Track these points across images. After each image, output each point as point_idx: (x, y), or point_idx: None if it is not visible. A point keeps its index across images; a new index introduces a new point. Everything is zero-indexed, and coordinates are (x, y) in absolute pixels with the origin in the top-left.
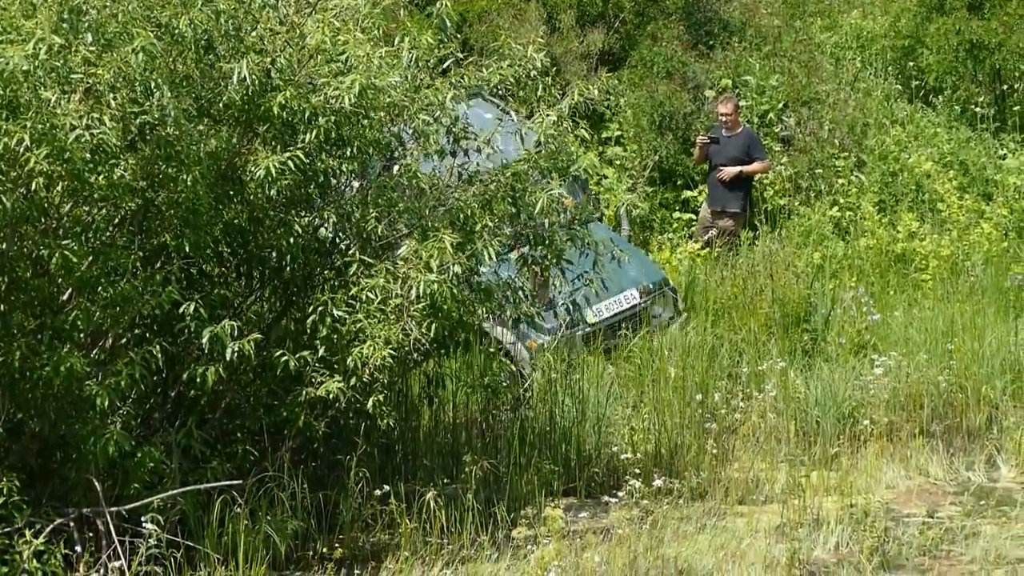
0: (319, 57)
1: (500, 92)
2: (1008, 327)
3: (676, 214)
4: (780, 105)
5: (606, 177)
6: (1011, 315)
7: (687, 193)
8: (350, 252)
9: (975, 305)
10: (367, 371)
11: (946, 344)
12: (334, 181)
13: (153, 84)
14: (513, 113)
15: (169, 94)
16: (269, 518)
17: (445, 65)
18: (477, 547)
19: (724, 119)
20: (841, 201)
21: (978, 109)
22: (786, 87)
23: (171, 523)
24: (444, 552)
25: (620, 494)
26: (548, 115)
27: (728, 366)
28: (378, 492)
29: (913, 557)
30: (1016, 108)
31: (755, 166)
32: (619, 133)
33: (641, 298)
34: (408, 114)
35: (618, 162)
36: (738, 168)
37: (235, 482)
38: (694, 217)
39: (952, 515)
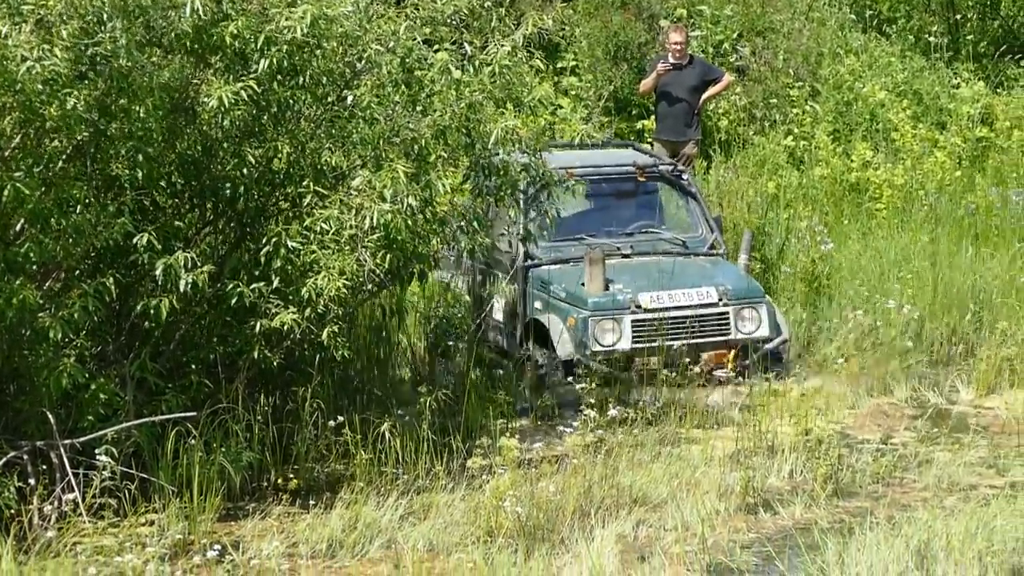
0: None
1: (455, 23)
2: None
3: None
4: (735, 35)
5: (561, 107)
6: (965, 243)
7: (642, 123)
8: (304, 183)
9: (930, 234)
10: (322, 302)
11: (899, 273)
12: (288, 112)
13: (105, 15)
14: (467, 45)
15: (121, 25)
16: (223, 450)
17: None
18: (432, 477)
19: (676, 47)
20: (795, 131)
21: (931, 38)
22: (741, 17)
23: (125, 455)
24: (399, 483)
25: (575, 423)
26: (503, 45)
27: None
28: (332, 423)
29: (867, 484)
30: (969, 37)
31: (723, 81)
32: (574, 63)
33: (720, 300)
34: (361, 44)
35: (573, 92)
36: (712, 90)
37: (189, 414)
38: (649, 147)
39: (907, 441)
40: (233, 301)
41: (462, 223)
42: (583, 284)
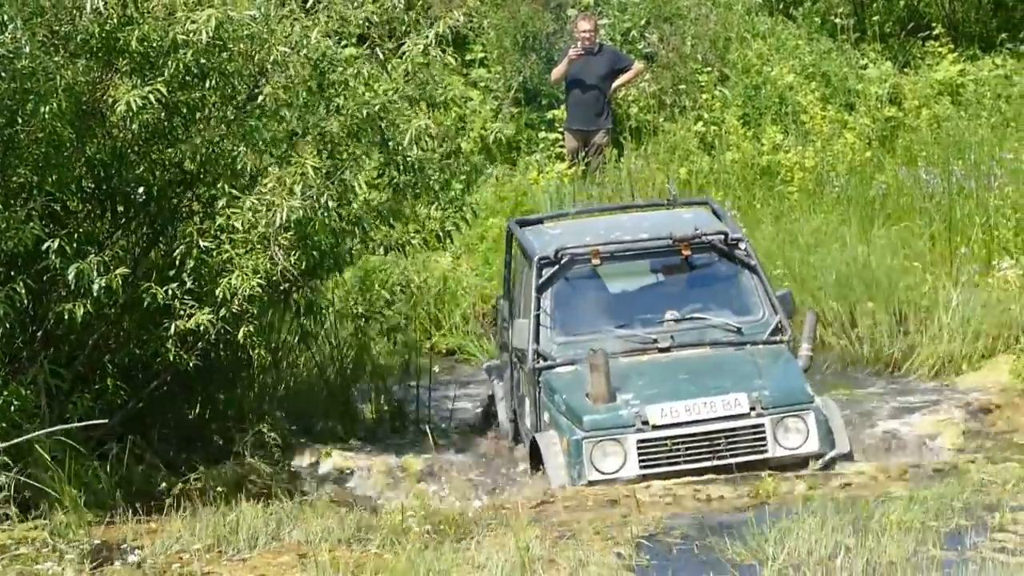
0: None
1: (367, 24)
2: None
3: (542, 134)
4: (642, 22)
5: (471, 100)
6: (876, 224)
7: (553, 113)
8: (218, 185)
9: (841, 215)
10: (236, 302)
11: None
12: (198, 113)
13: (5, 16)
14: (379, 50)
15: (22, 26)
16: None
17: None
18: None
19: (585, 35)
20: (705, 116)
21: (838, 20)
22: (647, 3)
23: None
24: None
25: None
26: (416, 44)
27: None
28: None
29: None
30: (875, 18)
31: (633, 69)
32: (483, 55)
33: (752, 412)
34: (267, 47)
35: (483, 84)
36: (622, 79)
37: (99, 422)
38: (560, 137)
39: None
40: (147, 303)
41: (376, 221)
42: (587, 394)
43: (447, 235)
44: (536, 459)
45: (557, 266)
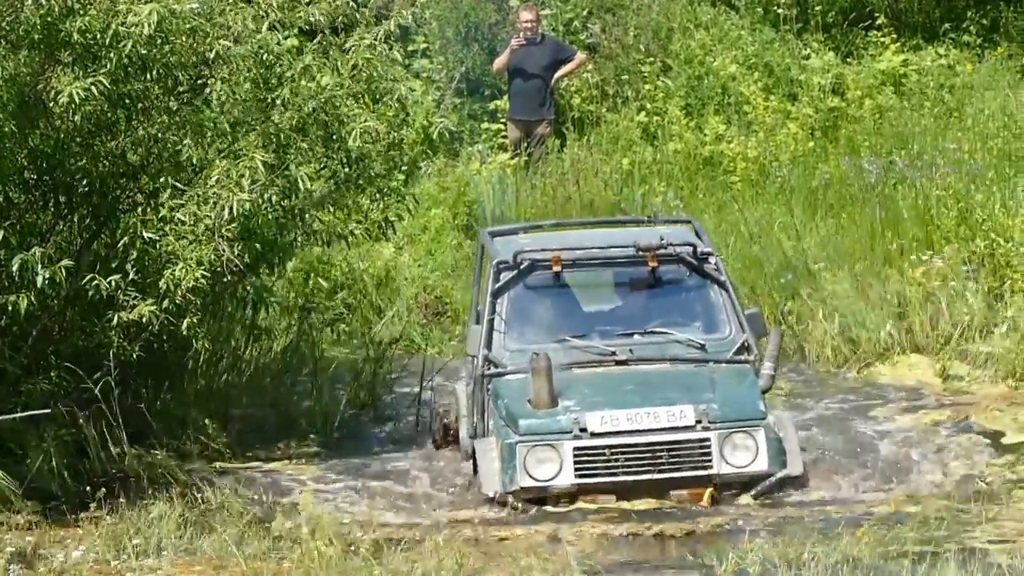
0: None
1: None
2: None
3: (484, 124)
4: (584, 12)
5: (414, 91)
6: (819, 213)
7: (495, 103)
8: (161, 178)
9: (784, 205)
10: (180, 293)
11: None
12: (141, 104)
13: None
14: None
15: None
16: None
17: None
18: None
19: (528, 25)
20: (648, 106)
21: (780, 10)
22: None
23: None
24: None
25: None
26: (363, 39)
27: None
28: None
29: None
30: (818, 8)
31: (576, 60)
32: (425, 45)
33: (697, 425)
34: (208, 40)
35: (425, 75)
36: (564, 69)
37: (42, 411)
38: (503, 127)
39: None
40: (91, 295)
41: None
42: (529, 400)
43: (389, 225)
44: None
45: (516, 271)
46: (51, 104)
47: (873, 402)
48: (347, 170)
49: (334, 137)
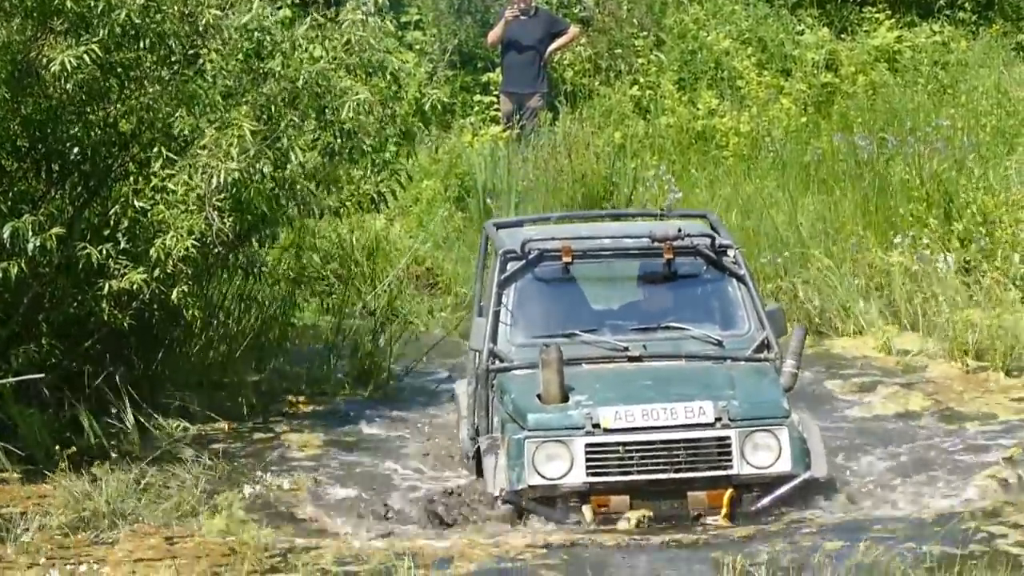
0: None
1: None
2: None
3: (477, 97)
4: None
5: (406, 63)
6: (810, 189)
7: (488, 76)
8: (153, 148)
9: (776, 180)
10: (171, 262)
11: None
12: (133, 73)
13: None
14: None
15: None
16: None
17: None
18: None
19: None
20: (641, 80)
21: None
22: None
23: None
24: None
25: None
26: (356, 11)
27: None
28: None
29: None
30: None
31: (569, 33)
32: (418, 17)
33: (717, 422)
34: (201, 9)
35: (418, 47)
36: (558, 42)
37: (36, 376)
38: (495, 100)
39: None
40: (82, 263)
41: (310, 185)
42: (538, 395)
43: (382, 199)
44: (480, 467)
45: (524, 261)
46: (43, 72)
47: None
48: (340, 142)
49: (326, 110)
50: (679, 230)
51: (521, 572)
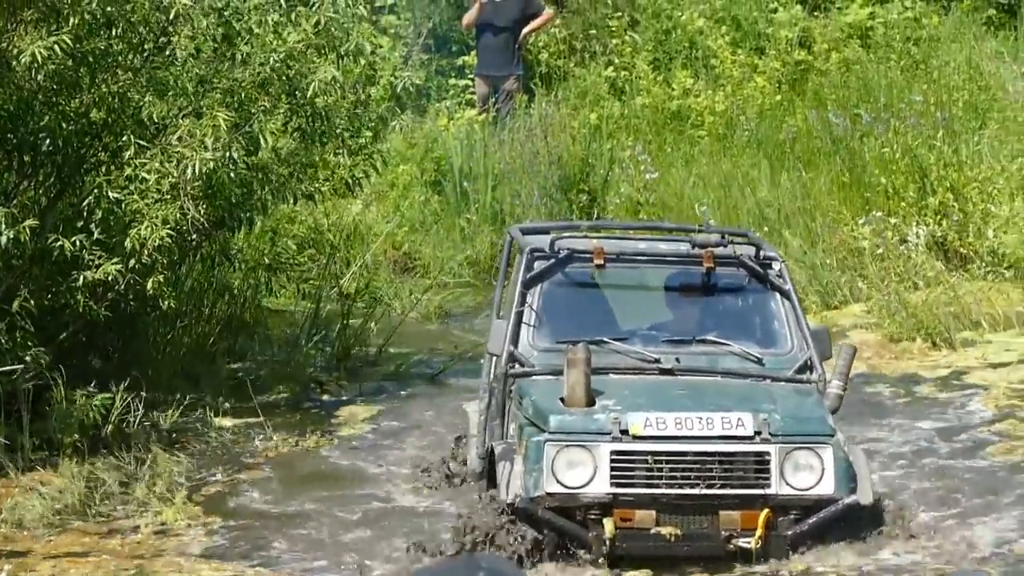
0: None
1: None
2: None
3: (452, 80)
4: None
5: (380, 47)
6: (786, 167)
7: (463, 59)
8: (124, 136)
9: (752, 159)
10: (146, 252)
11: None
12: (105, 62)
13: None
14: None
15: None
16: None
17: None
18: None
19: None
20: (616, 61)
21: None
22: None
23: None
24: None
25: None
26: None
27: None
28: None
29: None
30: None
31: (544, 16)
32: (392, 1)
33: (756, 436)
34: None
35: (392, 31)
36: (531, 25)
37: (11, 368)
38: (470, 83)
39: None
40: (56, 254)
41: (287, 171)
42: (562, 399)
43: (357, 183)
44: (493, 476)
45: (552, 260)
46: (14, 63)
47: None
48: (312, 125)
49: (296, 92)
50: (722, 236)
51: None
